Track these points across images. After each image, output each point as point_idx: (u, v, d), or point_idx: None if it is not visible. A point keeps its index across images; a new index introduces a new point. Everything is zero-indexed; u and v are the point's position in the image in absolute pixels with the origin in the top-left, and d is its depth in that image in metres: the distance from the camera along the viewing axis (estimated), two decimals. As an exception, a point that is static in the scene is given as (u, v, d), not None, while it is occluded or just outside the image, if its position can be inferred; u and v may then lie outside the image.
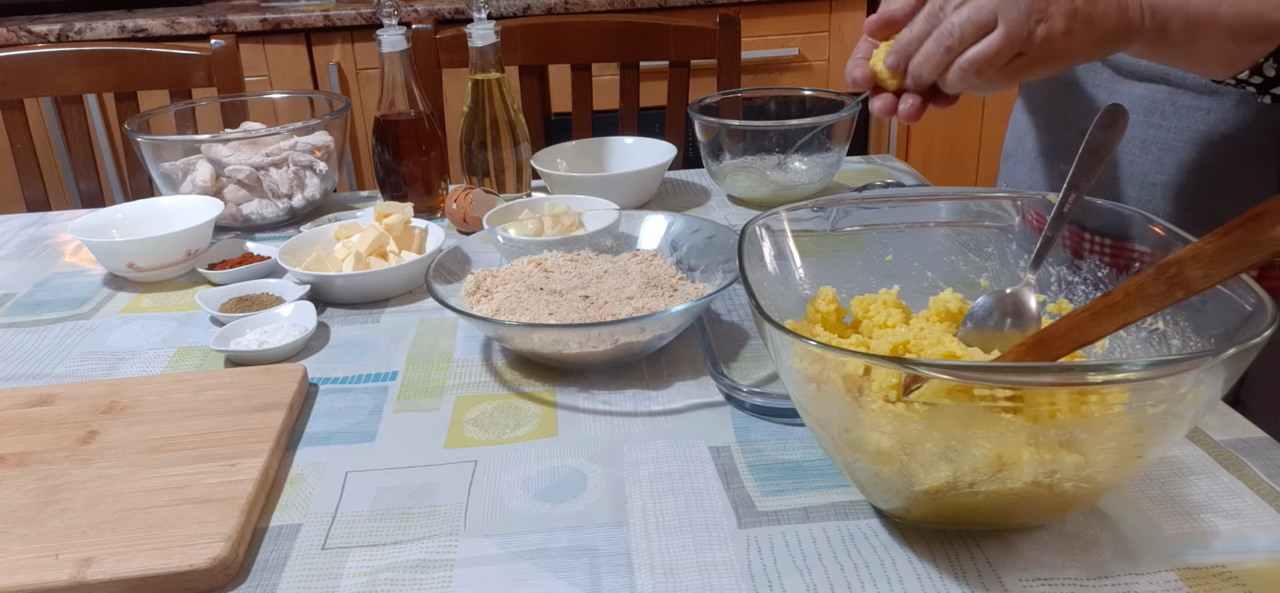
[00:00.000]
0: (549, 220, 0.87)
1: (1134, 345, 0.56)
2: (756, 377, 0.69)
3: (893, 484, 0.49)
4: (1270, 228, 0.40)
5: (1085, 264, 0.62)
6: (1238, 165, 0.72)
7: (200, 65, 1.42)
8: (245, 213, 1.04)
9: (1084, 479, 0.46)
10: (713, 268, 0.77)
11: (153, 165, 1.07)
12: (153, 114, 1.16)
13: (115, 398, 0.67)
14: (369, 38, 2.05)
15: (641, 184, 1.06)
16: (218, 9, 2.14)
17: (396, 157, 1.03)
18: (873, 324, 0.60)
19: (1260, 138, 0.70)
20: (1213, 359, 0.41)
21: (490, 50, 1.02)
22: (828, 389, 0.47)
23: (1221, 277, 0.43)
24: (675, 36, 1.47)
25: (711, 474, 0.58)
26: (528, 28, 1.49)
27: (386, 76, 1.02)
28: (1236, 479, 0.55)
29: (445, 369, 0.72)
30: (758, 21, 2.10)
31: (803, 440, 0.61)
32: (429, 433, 0.64)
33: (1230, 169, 0.72)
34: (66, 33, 2.01)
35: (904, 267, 0.65)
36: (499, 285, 0.75)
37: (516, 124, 1.05)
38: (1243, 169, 0.71)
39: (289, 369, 0.69)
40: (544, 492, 0.57)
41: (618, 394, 0.67)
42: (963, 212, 0.67)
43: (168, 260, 0.90)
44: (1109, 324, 0.46)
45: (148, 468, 0.58)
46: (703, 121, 1.06)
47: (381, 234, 0.88)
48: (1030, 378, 0.45)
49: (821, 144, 1.04)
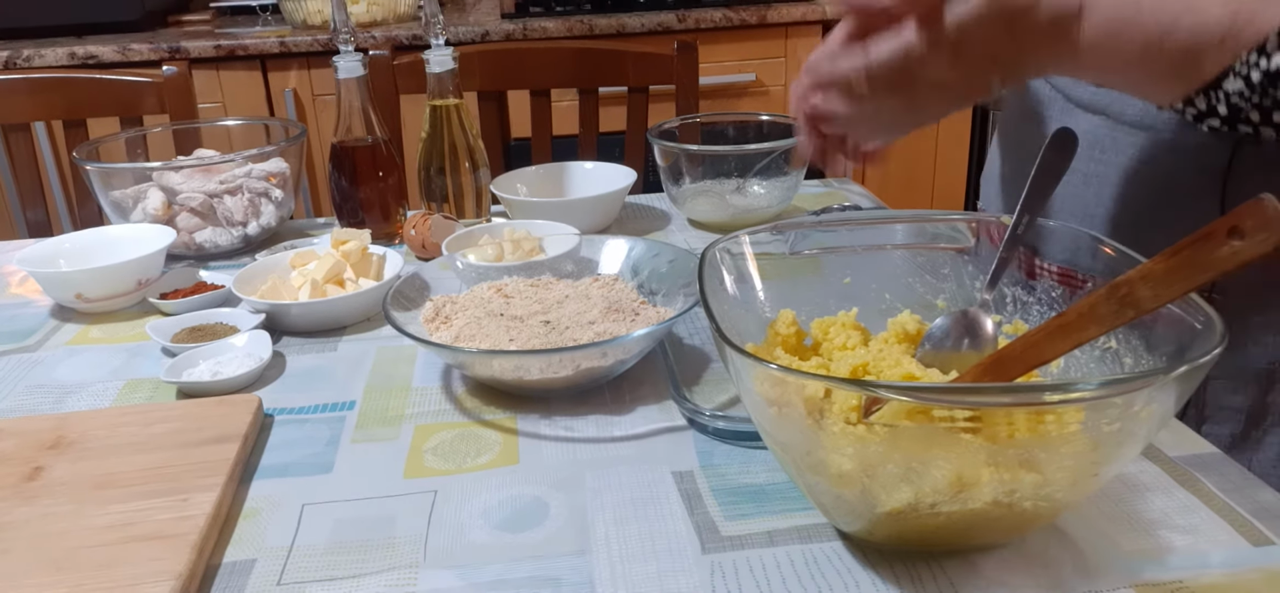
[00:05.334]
0: (509, 245, 0.87)
1: (1088, 364, 0.57)
2: (719, 400, 0.69)
3: (855, 507, 0.49)
4: (1217, 247, 0.41)
5: (1040, 285, 0.63)
6: (1178, 199, 0.72)
7: (152, 92, 1.39)
8: (198, 241, 1.02)
9: (1043, 498, 0.46)
10: (674, 292, 0.77)
11: (102, 194, 1.04)
12: (103, 141, 1.14)
13: (62, 433, 0.65)
14: (325, 64, 2.04)
15: (602, 209, 1.06)
16: (170, 35, 2.11)
17: (353, 183, 1.02)
18: (833, 346, 0.60)
19: (1200, 173, 0.70)
20: (1165, 377, 0.42)
21: (448, 76, 1.02)
22: (789, 412, 0.47)
23: (1171, 296, 0.43)
24: (633, 63, 1.48)
25: (675, 499, 0.57)
26: (486, 54, 1.49)
27: (343, 103, 1.01)
28: (1191, 495, 0.56)
29: (404, 398, 0.71)
30: (715, 47, 2.12)
31: (765, 464, 0.61)
32: (388, 463, 0.63)
33: (1170, 203, 0.72)
34: (14, 60, 1.97)
35: (862, 288, 0.66)
36: (459, 312, 0.74)
37: (475, 149, 1.05)
38: (1183, 203, 0.72)
39: (243, 400, 0.68)
40: (506, 521, 0.56)
41: (580, 420, 0.67)
42: (919, 234, 0.68)
43: (117, 290, 0.88)
44: (1063, 344, 0.47)
45: (95, 505, 0.57)
46: (662, 147, 1.07)
47: (338, 261, 0.87)
48: (988, 399, 0.45)
49: (779, 168, 1.05)
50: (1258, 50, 0.55)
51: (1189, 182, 0.70)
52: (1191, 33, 0.56)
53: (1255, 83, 0.55)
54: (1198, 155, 0.69)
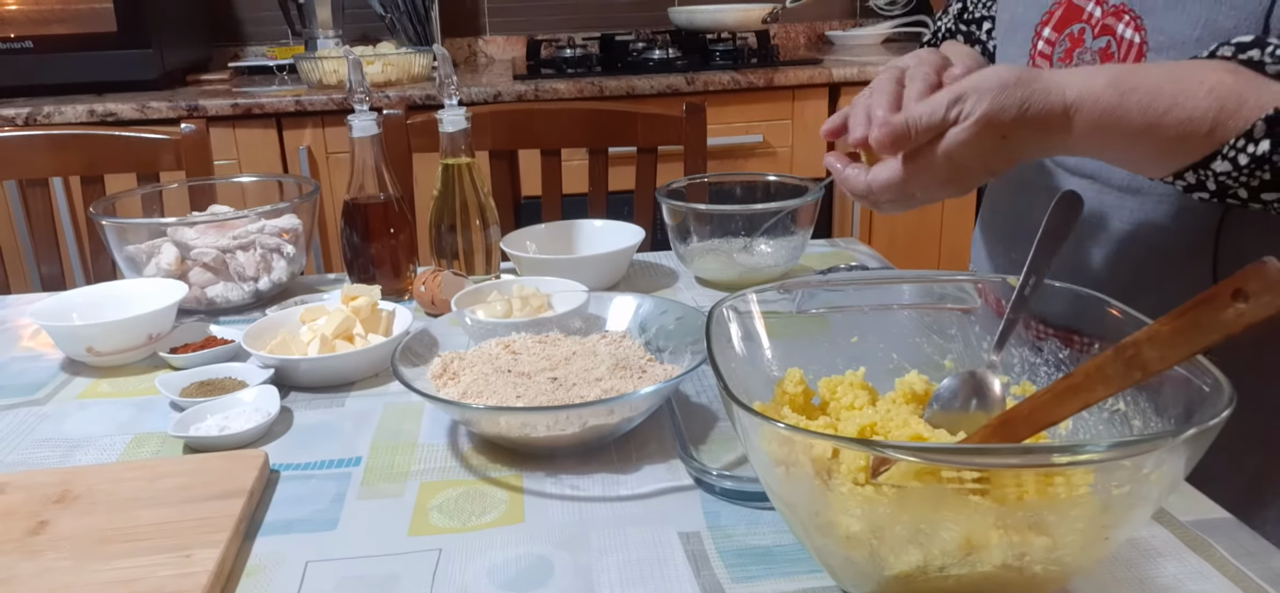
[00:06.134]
0: (518, 302, 0.87)
1: (1097, 426, 0.57)
2: (726, 459, 0.69)
3: (863, 569, 0.48)
4: (1222, 310, 0.41)
5: (1047, 346, 0.63)
6: (1170, 260, 0.72)
7: (169, 149, 1.42)
8: (210, 296, 1.03)
9: (1053, 562, 0.46)
10: (681, 349, 0.77)
11: (117, 249, 1.06)
12: (118, 197, 1.16)
13: (67, 487, 0.65)
14: (340, 122, 2.07)
15: (610, 266, 1.06)
16: (189, 94, 2.15)
17: (365, 239, 1.03)
18: (840, 406, 0.60)
19: (1191, 234, 0.70)
20: (1173, 440, 0.42)
21: (461, 136, 1.03)
22: (796, 472, 0.47)
23: (1177, 358, 0.44)
24: (643, 124, 1.50)
25: (681, 561, 0.57)
26: (498, 114, 1.51)
27: (357, 161, 1.03)
28: (1203, 560, 0.55)
29: (410, 454, 0.71)
30: (723, 109, 2.15)
31: (773, 525, 0.60)
32: (393, 520, 0.63)
33: (1162, 264, 0.72)
34: (35, 116, 2.01)
35: (869, 348, 0.66)
36: (466, 368, 0.75)
37: (486, 207, 1.06)
38: (1175, 263, 0.72)
39: (249, 455, 0.68)
40: (510, 581, 0.56)
41: (586, 478, 0.66)
42: (926, 294, 0.68)
43: (128, 344, 0.88)
44: (1071, 405, 0.47)
45: (99, 560, 0.56)
46: (671, 205, 1.08)
47: (348, 317, 0.87)
48: (997, 460, 0.45)
49: (787, 227, 1.05)
50: (1244, 136, 0.56)
51: (1180, 243, 0.71)
52: (1179, 125, 0.58)
53: (1243, 165, 0.57)
54: (1188, 217, 0.69)
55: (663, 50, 2.31)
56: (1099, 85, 0.59)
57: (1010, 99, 0.58)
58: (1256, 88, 0.56)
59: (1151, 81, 0.58)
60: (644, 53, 2.32)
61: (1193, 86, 0.57)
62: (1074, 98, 0.59)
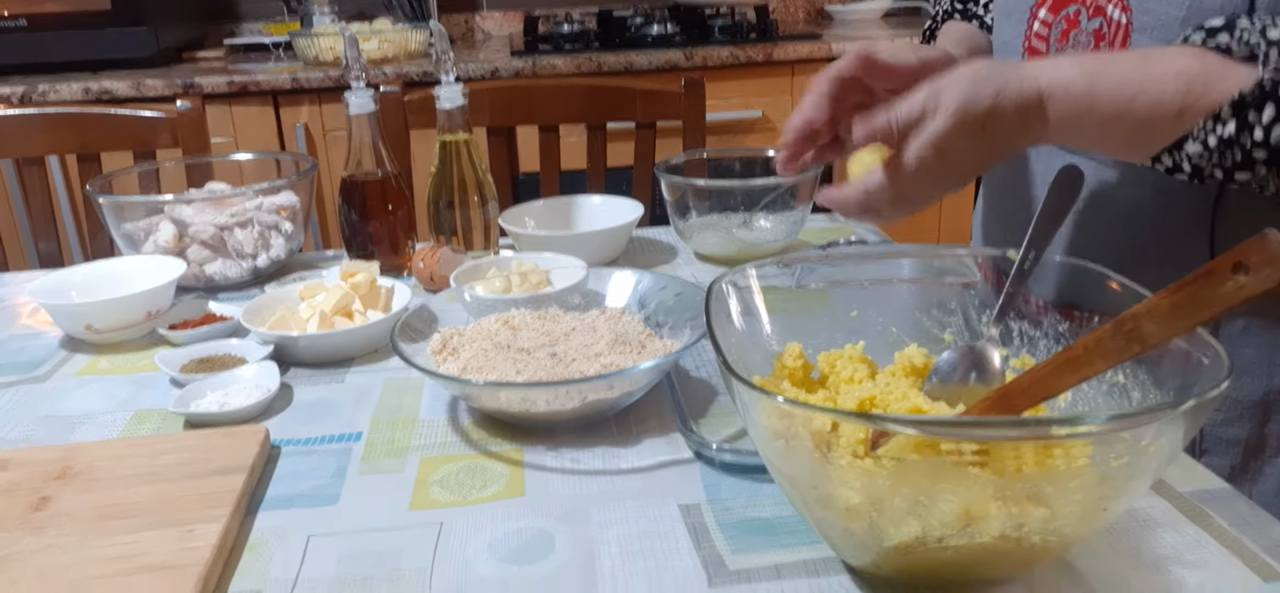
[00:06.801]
0: (516, 278, 0.87)
1: (1096, 399, 0.57)
2: (726, 433, 0.69)
3: (863, 541, 0.49)
4: (1222, 283, 0.41)
5: (1046, 320, 0.63)
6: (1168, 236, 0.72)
7: (165, 127, 1.41)
8: (208, 273, 1.03)
9: (1051, 533, 0.46)
10: (681, 324, 0.77)
11: (114, 226, 1.05)
12: (115, 175, 1.15)
13: (68, 463, 0.65)
14: (336, 99, 2.06)
15: (609, 242, 1.06)
16: (184, 71, 2.14)
17: (363, 216, 1.03)
18: (839, 380, 0.60)
19: (1188, 211, 0.70)
20: (1172, 411, 0.42)
21: (458, 112, 1.03)
22: (796, 445, 0.47)
23: (1176, 331, 0.44)
24: (641, 99, 1.49)
25: (681, 534, 0.57)
26: (496, 90, 1.50)
27: (354, 138, 1.02)
28: (1201, 530, 0.56)
29: (411, 429, 0.71)
30: (722, 84, 2.14)
31: (773, 497, 0.60)
32: (393, 495, 0.63)
33: (1160, 240, 0.72)
34: (30, 95, 2.00)
35: (869, 322, 0.66)
36: (465, 344, 0.75)
37: (484, 183, 1.06)
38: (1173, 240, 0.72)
39: (250, 431, 0.68)
40: (511, 554, 0.56)
41: (586, 452, 0.67)
42: (925, 268, 0.68)
43: (127, 322, 0.88)
44: (1070, 378, 0.47)
45: (101, 536, 0.57)
46: (669, 181, 1.08)
47: (347, 293, 0.87)
48: (995, 432, 0.45)
49: (786, 203, 1.05)
50: (1213, 118, 0.57)
51: (1177, 219, 0.71)
52: (1148, 109, 0.59)
53: (1212, 147, 0.58)
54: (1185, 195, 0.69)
55: (661, 25, 2.30)
56: (1070, 74, 0.60)
57: (984, 89, 0.60)
58: (1223, 71, 0.57)
59: (1120, 69, 0.60)
60: (642, 28, 2.31)
61: (1161, 72, 0.58)
62: (1046, 85, 0.61)
